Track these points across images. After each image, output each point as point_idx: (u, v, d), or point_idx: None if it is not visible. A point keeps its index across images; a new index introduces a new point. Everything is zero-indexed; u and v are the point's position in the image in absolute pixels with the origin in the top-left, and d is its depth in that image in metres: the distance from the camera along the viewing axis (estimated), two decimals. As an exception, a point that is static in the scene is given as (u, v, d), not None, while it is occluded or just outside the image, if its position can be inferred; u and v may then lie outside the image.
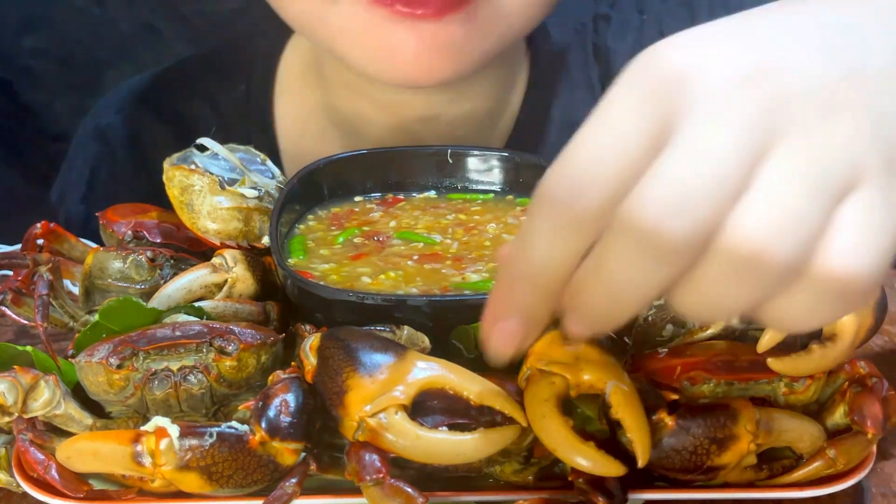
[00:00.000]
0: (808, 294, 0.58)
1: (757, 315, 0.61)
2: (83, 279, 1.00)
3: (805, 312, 0.60)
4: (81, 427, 0.86)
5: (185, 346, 0.84)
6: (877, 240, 0.58)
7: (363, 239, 1.03)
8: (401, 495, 0.75)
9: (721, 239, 0.57)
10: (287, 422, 0.77)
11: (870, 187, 0.58)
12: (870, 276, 0.57)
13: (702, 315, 0.61)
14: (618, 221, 0.58)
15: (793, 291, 0.59)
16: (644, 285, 0.59)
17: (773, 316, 0.61)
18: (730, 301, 0.59)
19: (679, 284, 0.60)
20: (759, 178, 0.57)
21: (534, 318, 0.65)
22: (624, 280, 0.60)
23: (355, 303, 0.90)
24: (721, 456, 0.78)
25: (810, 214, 0.57)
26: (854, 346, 0.83)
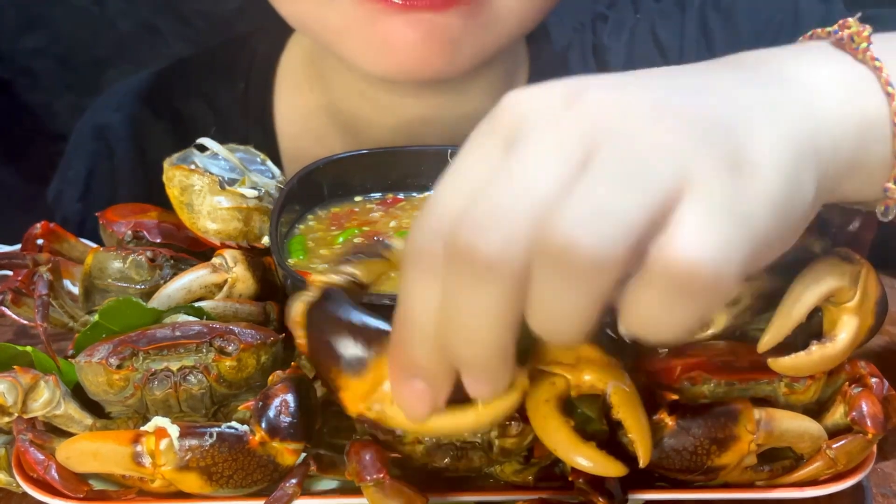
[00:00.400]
0: (653, 291, 0.58)
1: (622, 322, 0.60)
2: (83, 279, 1.00)
3: (657, 312, 0.58)
4: (81, 427, 0.86)
5: (185, 346, 0.84)
6: (718, 231, 0.57)
7: (363, 239, 1.02)
8: (401, 495, 0.75)
9: (539, 246, 0.57)
10: (287, 422, 0.77)
11: (705, 186, 0.58)
12: (714, 266, 0.56)
13: (553, 329, 0.60)
14: (449, 254, 0.59)
15: (640, 291, 0.58)
16: (491, 312, 0.59)
17: (631, 321, 0.60)
18: (568, 306, 0.59)
19: (526, 304, 0.59)
20: (577, 183, 0.58)
21: (434, 373, 0.65)
22: (469, 313, 0.60)
23: (355, 303, 0.90)
24: (721, 456, 0.78)
25: (625, 207, 0.57)
26: (854, 345, 0.83)
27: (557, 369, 0.78)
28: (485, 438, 0.80)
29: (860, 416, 0.81)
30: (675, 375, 0.82)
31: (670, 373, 0.83)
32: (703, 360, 0.83)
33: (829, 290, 0.82)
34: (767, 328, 0.82)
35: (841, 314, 0.82)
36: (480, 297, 0.59)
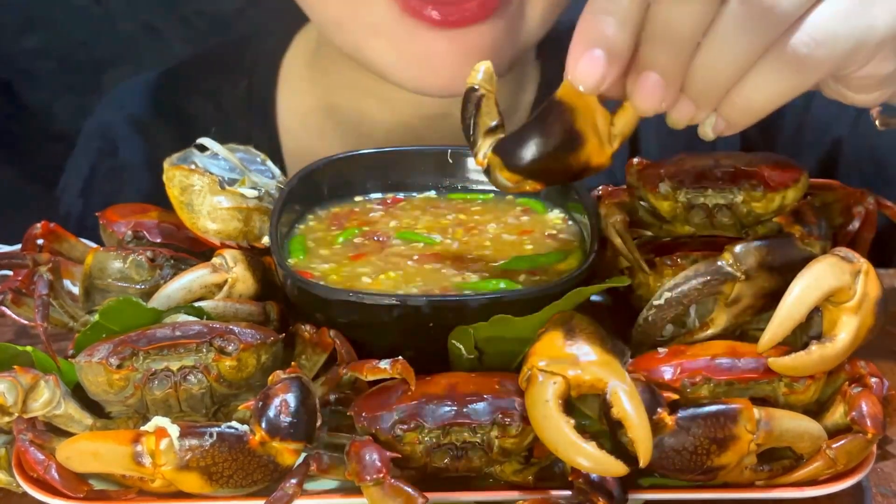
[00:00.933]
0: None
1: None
2: (83, 279, 1.00)
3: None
4: (81, 427, 0.86)
5: (185, 346, 0.84)
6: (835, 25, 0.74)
7: (363, 239, 1.03)
8: (401, 495, 0.75)
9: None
10: (287, 422, 0.77)
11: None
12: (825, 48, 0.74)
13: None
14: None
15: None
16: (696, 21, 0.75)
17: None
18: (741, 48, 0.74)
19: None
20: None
21: (616, 48, 0.76)
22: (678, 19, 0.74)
23: (355, 303, 0.90)
24: (721, 456, 0.78)
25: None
26: (854, 345, 0.83)
27: (557, 369, 0.78)
28: (485, 439, 0.80)
29: (860, 416, 0.81)
30: (675, 375, 0.83)
31: (670, 373, 0.83)
32: (703, 360, 0.83)
33: (829, 290, 0.82)
34: (767, 328, 0.82)
35: (841, 314, 0.83)
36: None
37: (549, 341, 0.82)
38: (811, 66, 0.77)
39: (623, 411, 0.75)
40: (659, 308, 0.87)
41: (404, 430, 0.79)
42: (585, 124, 0.80)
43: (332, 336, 0.89)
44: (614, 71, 0.77)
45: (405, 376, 0.83)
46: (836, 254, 0.84)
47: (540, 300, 0.87)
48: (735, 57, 0.76)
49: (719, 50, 0.76)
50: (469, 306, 0.89)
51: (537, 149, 0.81)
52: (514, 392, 0.81)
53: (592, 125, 0.80)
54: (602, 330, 0.85)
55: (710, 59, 0.76)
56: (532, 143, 0.81)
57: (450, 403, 0.80)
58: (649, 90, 0.78)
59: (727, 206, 0.97)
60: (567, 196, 1.07)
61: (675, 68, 0.77)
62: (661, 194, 0.99)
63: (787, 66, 0.76)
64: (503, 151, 0.83)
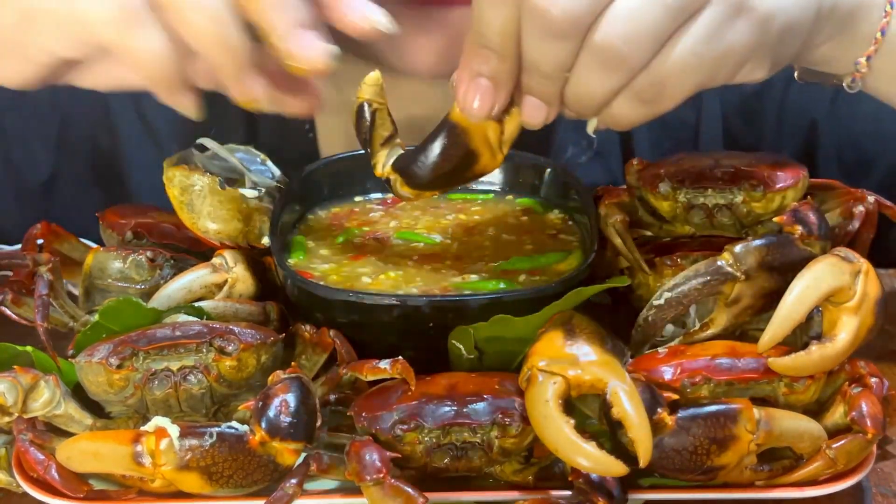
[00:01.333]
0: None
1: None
2: (83, 279, 1.00)
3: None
4: (81, 427, 0.86)
5: (185, 346, 0.84)
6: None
7: (363, 239, 1.03)
8: (401, 495, 0.75)
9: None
10: (287, 422, 0.77)
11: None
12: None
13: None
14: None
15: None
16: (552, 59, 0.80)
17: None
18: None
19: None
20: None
21: (499, 77, 0.81)
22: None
23: (355, 303, 0.90)
24: (721, 456, 0.78)
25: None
26: (854, 345, 0.83)
27: (557, 369, 0.78)
28: (485, 439, 0.80)
29: (860, 416, 0.81)
30: (675, 375, 0.82)
31: (670, 373, 0.83)
32: (703, 360, 0.83)
33: (829, 290, 0.82)
34: (767, 328, 0.82)
35: (840, 314, 0.83)
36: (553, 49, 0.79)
37: (549, 341, 0.82)
38: (668, 97, 0.82)
39: (623, 411, 0.75)
40: (659, 308, 0.87)
41: (404, 430, 0.79)
42: (479, 142, 0.86)
43: (332, 336, 0.89)
44: (502, 98, 0.83)
45: (405, 376, 0.83)
46: (836, 254, 0.84)
47: (540, 300, 0.87)
48: (595, 93, 0.81)
49: (582, 86, 0.81)
50: (469, 306, 0.89)
51: (435, 170, 0.87)
52: (514, 392, 0.81)
53: (484, 140, 0.86)
54: (602, 330, 0.85)
55: (575, 92, 0.82)
56: (430, 165, 0.87)
57: (450, 403, 0.80)
58: (532, 112, 0.84)
59: (727, 206, 0.97)
60: (567, 196, 1.07)
61: (550, 93, 0.83)
62: (661, 194, 0.99)
63: (644, 100, 0.82)
64: (403, 171, 0.89)
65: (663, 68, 0.80)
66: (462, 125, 0.85)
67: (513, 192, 1.11)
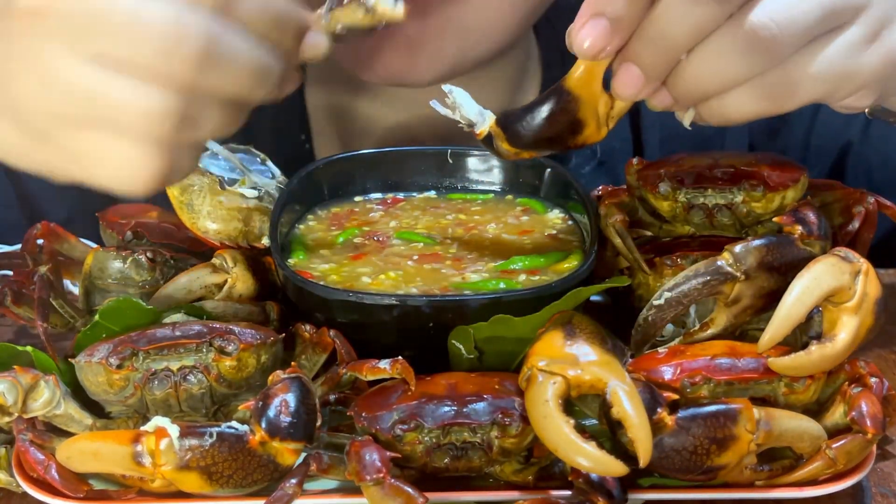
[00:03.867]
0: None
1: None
2: (83, 279, 1.00)
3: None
4: (81, 427, 0.86)
5: (185, 346, 0.84)
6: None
7: (363, 239, 1.03)
8: (401, 495, 0.75)
9: None
10: (287, 422, 0.77)
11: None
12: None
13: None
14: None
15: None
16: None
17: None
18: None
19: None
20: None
21: (621, 21, 0.77)
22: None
23: (355, 303, 0.90)
24: (721, 456, 0.78)
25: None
26: (854, 345, 0.83)
27: (557, 369, 0.78)
28: (485, 439, 0.80)
29: (860, 415, 0.81)
30: (675, 375, 0.83)
31: (670, 373, 0.83)
32: (703, 360, 0.83)
33: (829, 290, 0.82)
34: (767, 328, 0.82)
35: (840, 314, 0.83)
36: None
37: (549, 341, 0.82)
38: (793, 99, 0.80)
39: (623, 411, 0.75)
40: (659, 308, 0.87)
41: (404, 430, 0.79)
42: (587, 112, 0.83)
43: (332, 336, 0.89)
44: (615, 42, 0.79)
45: (405, 376, 0.83)
46: (835, 254, 0.84)
47: (540, 300, 0.87)
48: (721, 76, 0.78)
49: (708, 65, 0.78)
50: (469, 306, 0.89)
51: (540, 132, 0.85)
52: (514, 392, 0.81)
53: (594, 111, 0.83)
54: (602, 330, 0.85)
55: (697, 69, 0.78)
56: (536, 126, 0.84)
57: (450, 403, 0.80)
58: (629, 81, 0.80)
59: (727, 206, 0.97)
60: (567, 196, 1.07)
61: (659, 68, 0.79)
62: (661, 194, 0.99)
63: (770, 97, 0.80)
64: (507, 128, 0.86)
65: (798, 68, 0.78)
66: (575, 93, 0.82)
67: (513, 192, 1.11)
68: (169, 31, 0.70)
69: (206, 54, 0.71)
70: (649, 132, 1.38)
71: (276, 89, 0.77)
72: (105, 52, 0.71)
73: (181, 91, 0.72)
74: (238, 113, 0.78)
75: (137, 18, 0.70)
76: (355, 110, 1.33)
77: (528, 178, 1.10)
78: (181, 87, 0.72)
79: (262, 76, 0.75)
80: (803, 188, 0.98)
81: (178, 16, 0.70)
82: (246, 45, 0.74)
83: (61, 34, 0.72)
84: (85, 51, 0.72)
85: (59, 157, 0.77)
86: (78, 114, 0.74)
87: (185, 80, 0.72)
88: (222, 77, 0.73)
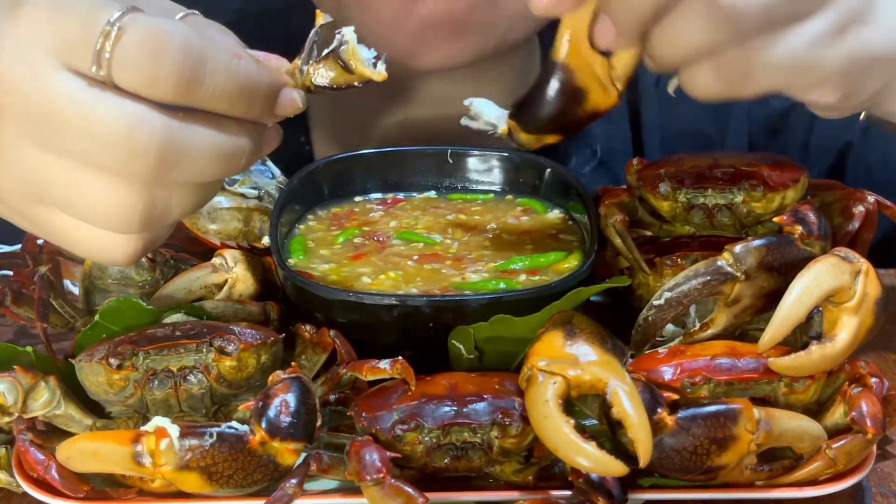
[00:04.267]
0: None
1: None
2: (83, 279, 1.00)
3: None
4: (81, 427, 0.86)
5: (185, 346, 0.84)
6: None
7: (363, 239, 1.03)
8: (401, 495, 0.75)
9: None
10: (287, 422, 0.77)
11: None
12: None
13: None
14: None
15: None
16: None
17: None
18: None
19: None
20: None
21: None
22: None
23: (355, 303, 0.90)
24: (721, 456, 0.78)
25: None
26: (854, 345, 0.83)
27: (557, 369, 0.78)
28: (485, 439, 0.80)
29: (860, 416, 0.81)
30: (675, 375, 0.83)
31: (670, 373, 0.83)
32: (703, 360, 0.83)
33: (829, 290, 0.82)
34: (767, 328, 0.82)
35: (840, 314, 0.83)
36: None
37: (549, 341, 0.82)
38: (752, 83, 0.80)
39: (623, 411, 0.75)
40: (659, 308, 0.87)
41: (404, 430, 0.79)
42: (585, 77, 0.83)
43: (332, 336, 0.89)
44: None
45: (405, 376, 0.83)
46: (835, 254, 0.84)
47: (540, 300, 0.87)
48: (685, 42, 0.78)
49: (675, 30, 0.78)
50: (469, 306, 0.89)
51: (547, 111, 0.84)
52: (514, 392, 0.81)
53: (592, 75, 0.83)
54: (602, 330, 0.85)
55: (663, 34, 0.79)
56: (542, 107, 0.84)
57: (450, 403, 0.80)
58: (602, 33, 0.80)
59: (727, 206, 0.97)
60: (567, 196, 1.07)
61: (629, 25, 0.79)
62: (661, 194, 0.99)
63: (730, 77, 0.80)
64: (518, 117, 0.86)
65: (759, 53, 0.78)
66: (564, 63, 0.82)
67: (513, 192, 1.11)
68: (123, 135, 0.70)
69: (165, 153, 0.71)
70: (649, 132, 1.38)
71: (253, 156, 0.77)
72: (65, 146, 0.71)
73: (145, 186, 0.72)
74: (211, 190, 0.78)
75: (91, 121, 0.70)
76: (355, 111, 1.33)
77: (529, 178, 1.11)
78: (145, 183, 0.72)
79: (229, 158, 0.75)
80: (803, 188, 0.98)
81: (132, 119, 0.70)
82: (209, 133, 0.73)
83: (20, 125, 0.72)
84: (45, 144, 0.72)
85: (40, 230, 0.79)
86: (46, 198, 0.75)
87: (149, 177, 0.71)
88: (186, 170, 0.72)
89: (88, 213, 0.74)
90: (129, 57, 0.69)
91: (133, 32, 0.69)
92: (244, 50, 0.76)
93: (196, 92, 0.71)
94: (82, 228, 0.75)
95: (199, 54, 0.70)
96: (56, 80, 0.71)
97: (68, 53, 0.70)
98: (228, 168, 0.75)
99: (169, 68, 0.69)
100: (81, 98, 0.70)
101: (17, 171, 0.74)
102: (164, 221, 0.76)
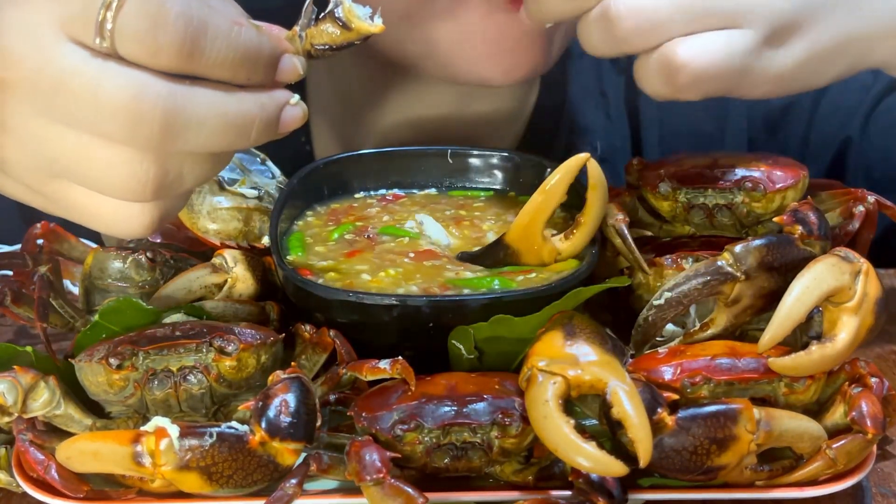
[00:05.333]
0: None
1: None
2: (83, 279, 1.00)
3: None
4: (81, 427, 0.86)
5: (185, 346, 0.84)
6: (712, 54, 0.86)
7: (354, 235, 1.02)
8: (401, 495, 0.75)
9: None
10: (287, 422, 0.77)
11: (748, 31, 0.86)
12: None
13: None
14: None
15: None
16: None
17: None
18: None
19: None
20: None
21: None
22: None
23: (355, 303, 0.90)
24: (721, 456, 0.78)
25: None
26: (854, 345, 0.83)
27: (557, 369, 0.78)
28: (485, 439, 0.80)
29: (860, 416, 0.81)
30: (675, 375, 0.83)
31: (670, 373, 0.83)
32: (703, 360, 0.83)
33: (829, 290, 0.82)
34: (767, 328, 0.82)
35: (840, 314, 0.83)
36: None
37: (549, 341, 0.82)
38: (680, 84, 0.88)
39: (623, 411, 0.75)
40: (659, 308, 0.87)
41: (404, 430, 0.79)
42: (528, 258, 0.95)
43: (332, 336, 0.89)
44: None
45: (405, 376, 0.83)
46: (836, 254, 0.84)
47: (540, 300, 0.87)
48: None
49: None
50: (469, 306, 0.89)
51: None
52: (514, 392, 0.81)
53: (539, 261, 0.95)
54: (602, 330, 0.85)
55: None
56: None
57: (450, 403, 0.80)
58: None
59: (727, 206, 0.97)
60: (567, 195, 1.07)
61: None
62: (661, 194, 0.99)
63: (600, 31, 0.88)
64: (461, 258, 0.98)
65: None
66: (513, 245, 0.95)
67: (513, 191, 1.11)
68: (128, 103, 0.71)
69: (171, 120, 0.71)
70: (649, 130, 1.38)
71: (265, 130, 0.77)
72: (74, 118, 0.72)
73: (155, 154, 0.73)
74: (222, 161, 0.79)
75: (97, 92, 0.71)
76: (355, 111, 1.33)
77: (529, 178, 1.10)
78: (154, 151, 0.73)
79: (238, 128, 0.75)
80: (803, 188, 0.98)
81: (137, 88, 0.71)
82: (215, 101, 0.73)
83: (30, 100, 0.73)
84: (56, 117, 0.73)
85: (55, 206, 0.80)
86: (60, 172, 0.76)
87: (156, 145, 0.72)
88: (195, 138, 0.73)
89: (102, 184, 0.74)
90: (130, 27, 0.70)
91: (134, 2, 0.70)
92: (245, 18, 0.76)
93: (198, 59, 0.72)
94: (97, 201, 0.76)
95: (200, 22, 0.71)
96: (61, 53, 0.71)
97: (71, 26, 0.71)
98: (237, 138, 0.75)
99: (170, 37, 0.70)
100: (87, 69, 0.71)
101: (31, 147, 0.75)
102: (176, 190, 0.77)
